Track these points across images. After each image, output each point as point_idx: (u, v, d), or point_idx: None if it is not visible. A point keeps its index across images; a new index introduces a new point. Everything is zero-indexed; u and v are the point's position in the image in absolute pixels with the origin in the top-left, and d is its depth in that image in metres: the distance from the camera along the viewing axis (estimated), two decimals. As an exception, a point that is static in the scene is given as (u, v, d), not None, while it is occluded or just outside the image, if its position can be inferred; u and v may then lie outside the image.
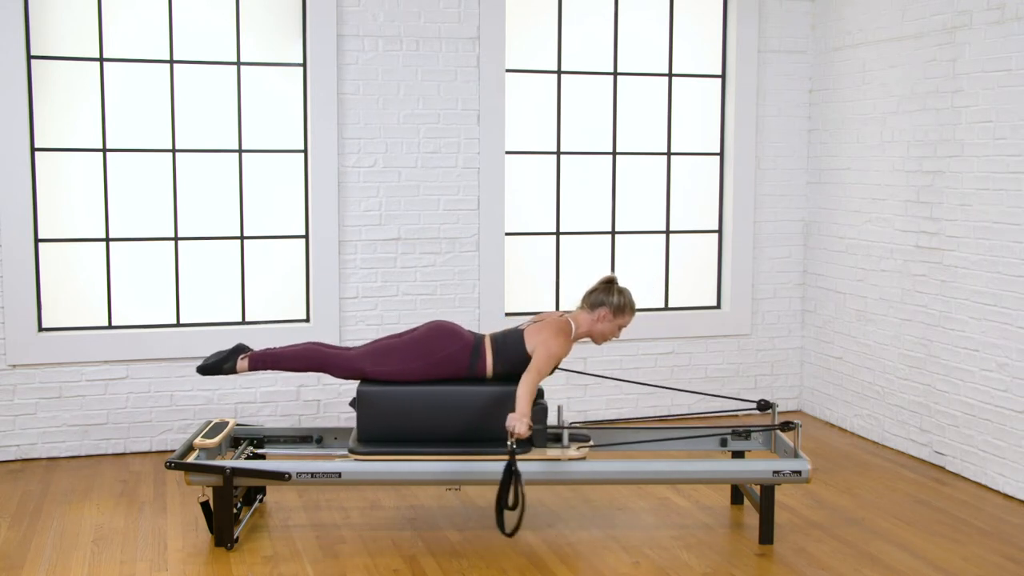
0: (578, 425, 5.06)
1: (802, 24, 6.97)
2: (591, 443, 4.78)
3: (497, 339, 4.75)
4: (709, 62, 6.97)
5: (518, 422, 4.38)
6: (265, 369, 4.80)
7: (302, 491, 5.40)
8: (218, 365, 4.80)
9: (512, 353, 4.69)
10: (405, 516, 5.06)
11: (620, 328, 4.84)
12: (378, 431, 4.64)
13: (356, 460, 4.58)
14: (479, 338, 4.76)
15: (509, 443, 4.38)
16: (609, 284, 4.82)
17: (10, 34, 5.69)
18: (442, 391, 4.65)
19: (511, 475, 4.34)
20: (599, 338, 4.84)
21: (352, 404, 4.69)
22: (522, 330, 4.75)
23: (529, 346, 4.67)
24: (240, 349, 4.84)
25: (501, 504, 4.36)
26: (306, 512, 5.10)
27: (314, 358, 4.76)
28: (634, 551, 4.63)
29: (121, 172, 6.07)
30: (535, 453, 4.60)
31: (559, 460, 4.59)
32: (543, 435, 4.66)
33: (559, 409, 4.78)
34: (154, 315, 6.18)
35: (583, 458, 4.63)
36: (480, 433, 4.64)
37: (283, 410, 6.31)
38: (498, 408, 4.61)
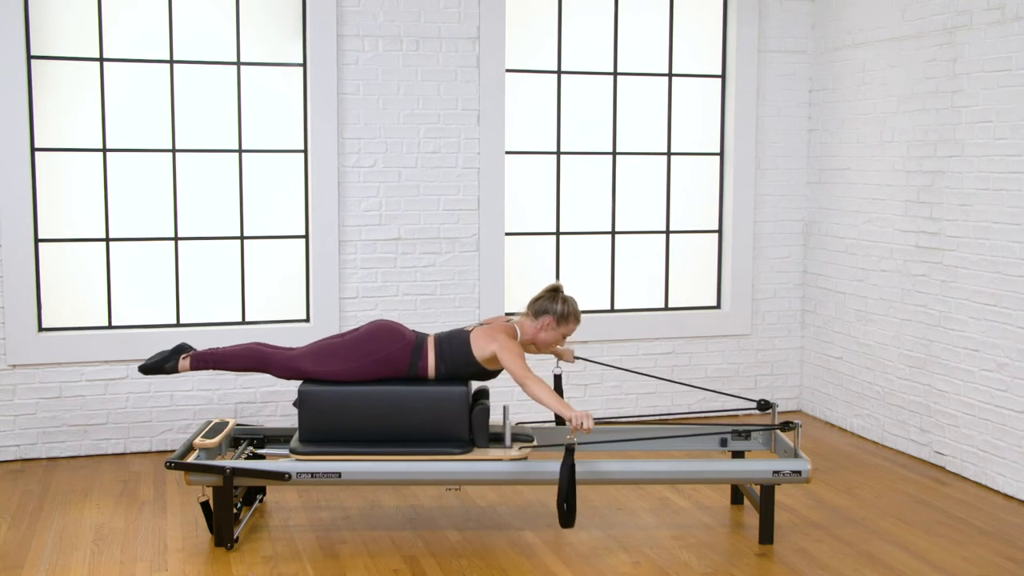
0: (524, 425, 5.03)
1: (802, 24, 6.97)
2: (534, 443, 4.76)
3: (441, 339, 4.73)
4: (709, 62, 6.97)
5: (586, 418, 4.34)
6: (206, 368, 4.78)
7: (302, 491, 5.40)
8: (159, 364, 4.78)
9: (456, 354, 4.67)
10: (405, 516, 5.06)
11: (564, 336, 4.83)
12: (321, 431, 4.63)
13: (298, 460, 4.58)
14: (421, 338, 4.73)
15: (569, 438, 4.35)
16: (554, 292, 4.81)
17: (10, 34, 5.69)
18: (383, 391, 4.63)
19: (570, 472, 4.30)
20: (542, 346, 4.84)
21: (295, 404, 4.69)
22: (468, 331, 4.72)
23: (475, 348, 4.64)
24: (182, 348, 4.82)
25: (568, 501, 4.31)
26: (306, 512, 5.10)
27: (255, 358, 4.74)
28: (634, 551, 4.63)
29: (121, 172, 6.07)
30: (475, 454, 4.60)
31: (500, 460, 4.58)
32: (485, 436, 4.65)
33: (504, 410, 4.75)
34: (154, 315, 6.18)
35: (525, 458, 4.62)
36: (422, 433, 4.62)
37: (283, 410, 6.31)
38: (438, 408, 4.60)
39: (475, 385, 4.97)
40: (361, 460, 4.57)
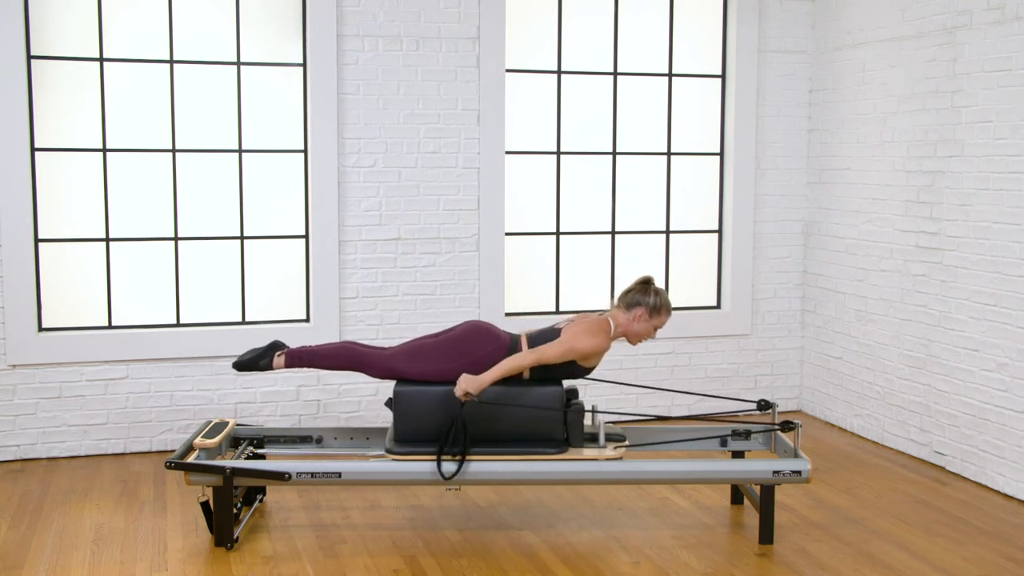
0: (612, 425, 5.04)
1: (802, 24, 6.97)
2: (627, 443, 4.76)
3: (533, 338, 4.72)
4: (709, 62, 6.97)
5: (468, 383, 4.47)
6: (301, 367, 4.79)
7: (302, 491, 5.40)
8: (254, 361, 4.78)
9: None
10: (405, 516, 5.06)
11: (655, 329, 4.81)
12: (415, 431, 4.63)
13: (394, 460, 4.58)
14: (515, 338, 4.73)
15: (458, 395, 4.50)
16: (646, 284, 4.80)
17: (10, 34, 5.69)
18: None
19: (457, 423, 4.51)
20: (634, 338, 4.81)
21: (388, 404, 4.68)
22: (559, 329, 4.73)
23: None
24: (276, 346, 4.82)
25: (440, 449, 4.51)
26: (306, 512, 5.10)
27: (349, 357, 4.75)
28: (634, 551, 4.63)
29: (121, 172, 6.07)
30: (571, 453, 4.60)
31: (596, 460, 4.59)
32: (579, 435, 4.65)
33: (593, 409, 4.76)
34: (154, 315, 6.18)
35: (620, 458, 4.63)
36: (518, 434, 4.63)
37: (283, 410, 6.31)
38: (534, 408, 4.60)
39: (565, 384, 4.96)
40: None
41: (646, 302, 4.75)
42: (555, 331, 4.72)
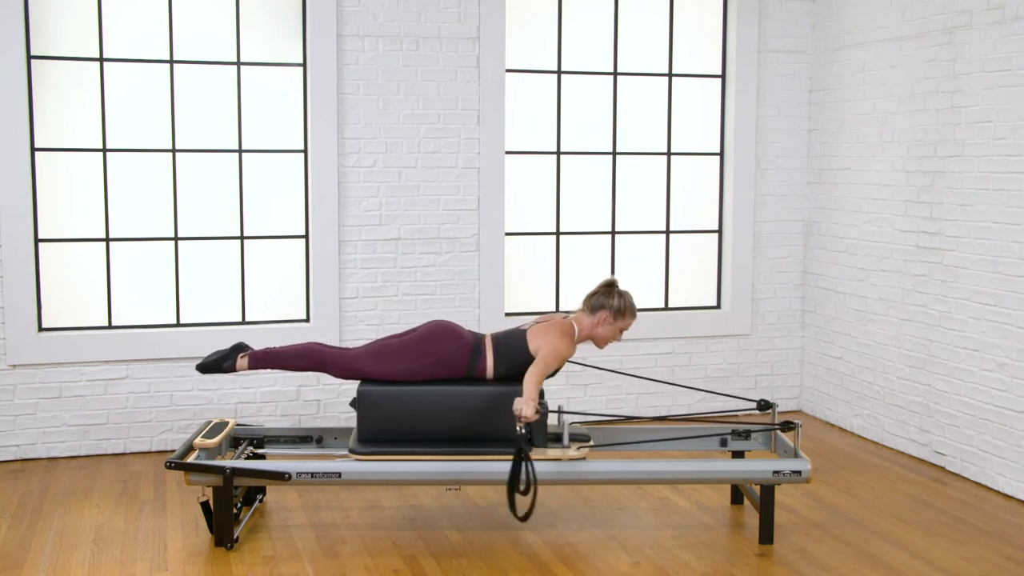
0: (579, 424, 5.06)
1: (802, 24, 6.97)
2: (591, 443, 4.77)
3: (498, 339, 4.74)
4: (709, 62, 6.97)
5: (525, 404, 4.36)
6: (265, 368, 4.79)
7: (302, 491, 5.40)
8: (218, 363, 4.80)
9: (514, 354, 4.68)
10: (405, 516, 5.06)
11: (621, 331, 4.82)
12: (378, 431, 4.64)
13: (356, 460, 4.58)
14: (479, 338, 4.75)
15: (518, 427, 4.38)
16: (610, 287, 4.80)
17: (10, 34, 5.69)
18: (442, 391, 4.65)
19: (521, 459, 4.34)
20: (600, 341, 4.83)
21: (352, 404, 4.69)
22: (524, 330, 4.74)
23: (532, 347, 4.66)
24: (240, 347, 4.84)
25: (512, 488, 4.34)
26: (306, 512, 5.10)
27: (314, 357, 4.75)
28: (634, 551, 4.63)
29: (121, 172, 6.07)
30: (536, 453, 4.60)
31: (559, 460, 4.59)
32: (544, 435, 4.65)
33: (559, 409, 4.77)
34: (154, 315, 6.18)
35: (583, 458, 4.63)
36: (480, 433, 4.64)
37: (283, 410, 6.31)
38: (498, 408, 4.61)
39: None
40: (419, 460, 4.57)
41: (610, 305, 4.75)
42: (520, 332, 4.73)
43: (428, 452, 4.59)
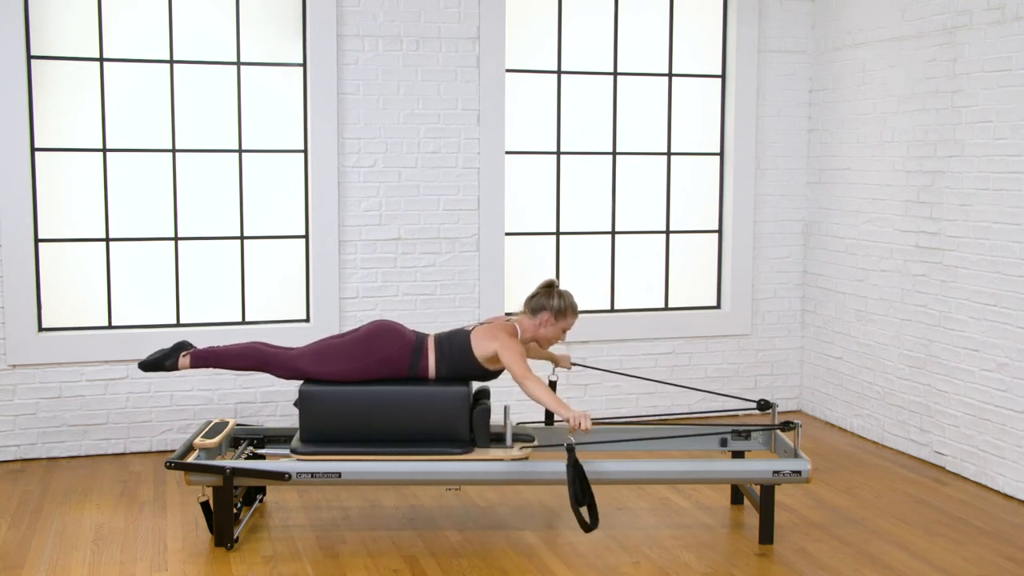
0: (523, 426, 5.03)
1: (802, 24, 6.97)
2: (535, 443, 4.76)
3: (441, 340, 4.72)
4: (709, 62, 6.97)
5: (583, 418, 4.35)
6: (206, 367, 4.79)
7: (302, 491, 5.40)
8: (159, 361, 4.79)
9: (457, 354, 4.67)
10: (405, 516, 5.06)
11: (564, 331, 4.81)
12: (321, 431, 4.63)
13: (299, 460, 4.58)
14: (421, 338, 4.73)
15: (568, 439, 4.37)
16: (549, 288, 4.79)
17: (10, 34, 5.69)
18: (383, 391, 4.63)
19: (576, 471, 4.31)
20: (544, 342, 4.82)
21: (296, 404, 4.69)
22: (468, 331, 4.72)
23: (477, 348, 4.64)
24: (182, 346, 4.83)
25: (576, 502, 4.30)
26: (306, 512, 5.10)
27: (256, 357, 4.74)
28: (634, 551, 4.63)
29: (121, 172, 6.07)
30: (478, 454, 4.60)
31: (501, 460, 4.58)
32: (486, 435, 4.65)
33: (505, 410, 4.75)
34: (154, 315, 6.18)
35: (526, 458, 4.62)
36: (422, 433, 4.63)
37: (283, 410, 6.31)
38: (439, 408, 4.60)
39: (476, 385, 4.97)
40: (361, 460, 4.58)
41: (550, 305, 4.74)
42: (464, 332, 4.72)
43: (371, 452, 4.58)
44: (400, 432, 4.63)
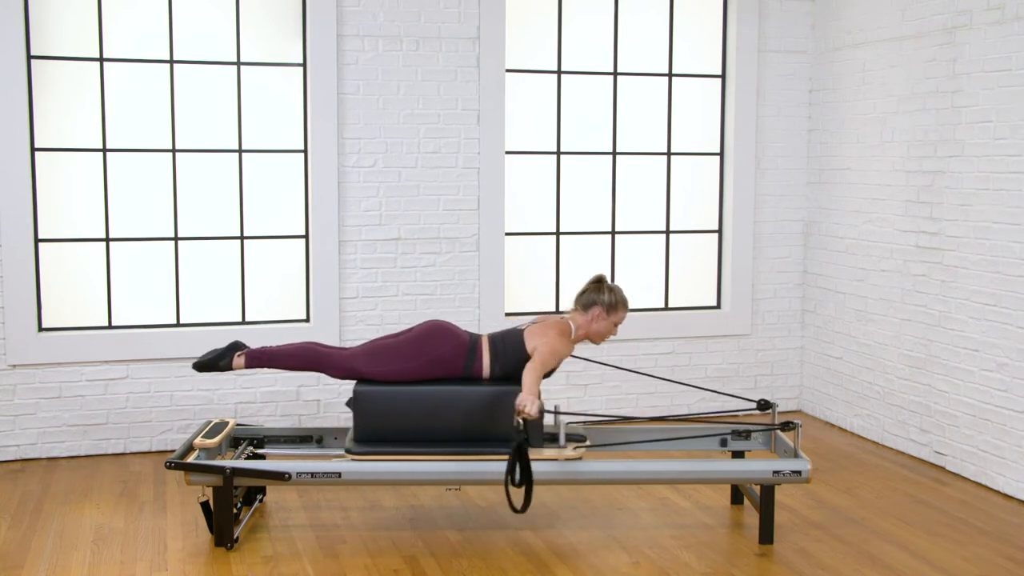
0: (576, 424, 5.06)
1: (802, 24, 6.97)
2: (587, 443, 4.77)
3: (495, 339, 4.74)
4: (709, 62, 6.97)
5: (529, 401, 4.38)
6: (261, 367, 4.79)
7: (302, 491, 5.40)
8: (214, 362, 4.79)
9: (511, 354, 4.69)
10: (405, 516, 5.06)
11: (615, 325, 4.84)
12: (375, 431, 4.64)
13: (353, 460, 4.58)
14: (475, 338, 4.75)
15: (516, 420, 4.40)
16: (599, 283, 4.82)
17: (10, 34, 5.69)
18: (438, 391, 4.65)
19: (519, 453, 4.35)
20: (596, 337, 4.84)
21: (349, 404, 4.69)
22: (522, 331, 4.75)
23: (529, 347, 4.67)
24: (236, 346, 4.83)
25: (509, 482, 4.35)
26: (306, 512, 5.10)
27: (310, 357, 4.75)
28: (634, 551, 4.63)
29: (121, 172, 6.07)
30: (532, 453, 4.60)
31: (556, 460, 4.59)
32: (540, 435, 4.65)
33: (556, 409, 4.77)
34: (154, 315, 6.18)
35: (580, 458, 4.63)
36: (476, 434, 4.64)
37: (283, 410, 6.31)
38: (494, 409, 4.60)
39: None
40: (416, 460, 4.57)
41: (602, 300, 4.77)
42: (517, 332, 4.74)
43: (425, 452, 4.59)
44: (454, 432, 4.63)
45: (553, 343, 4.62)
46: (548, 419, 5.18)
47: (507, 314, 6.63)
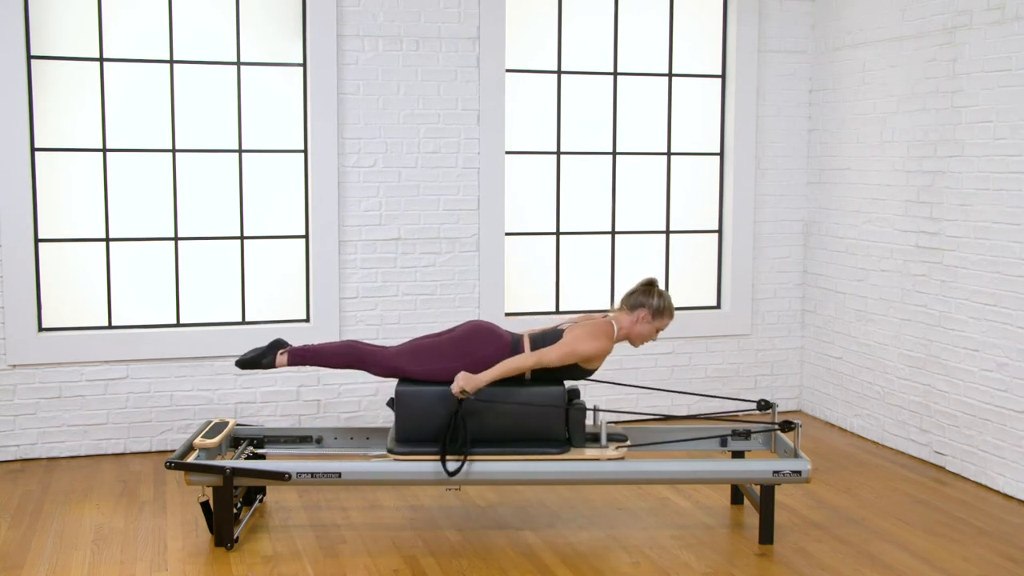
0: (614, 425, 5.03)
1: (802, 24, 6.97)
2: (628, 443, 4.76)
3: (535, 339, 4.72)
4: (709, 62, 6.97)
5: (466, 380, 4.48)
6: (303, 364, 4.80)
7: (302, 491, 5.40)
8: (256, 360, 4.78)
9: None
10: (405, 516, 5.06)
11: (658, 331, 4.81)
12: (416, 431, 4.63)
13: (395, 460, 4.58)
14: (517, 338, 4.73)
15: (455, 391, 4.51)
16: (649, 286, 4.80)
17: (10, 34, 5.69)
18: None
19: (456, 420, 4.51)
20: (637, 340, 4.80)
21: (390, 404, 4.68)
22: (562, 330, 4.73)
23: None
24: (278, 344, 4.83)
25: (443, 446, 4.51)
26: (306, 512, 5.10)
27: (353, 355, 4.75)
28: (634, 551, 4.63)
29: (121, 172, 6.07)
30: (573, 453, 4.60)
31: (598, 460, 4.59)
32: (581, 435, 4.65)
33: (595, 409, 4.76)
34: (154, 315, 6.18)
35: (622, 458, 4.63)
36: (518, 433, 4.63)
37: (283, 410, 6.31)
38: (536, 408, 4.60)
39: (566, 384, 4.97)
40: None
41: (649, 304, 4.75)
42: (558, 332, 4.72)
43: (470, 453, 4.57)
44: (496, 432, 4.63)
45: (570, 343, 4.59)
46: (589, 419, 5.14)
47: (507, 314, 6.63)
